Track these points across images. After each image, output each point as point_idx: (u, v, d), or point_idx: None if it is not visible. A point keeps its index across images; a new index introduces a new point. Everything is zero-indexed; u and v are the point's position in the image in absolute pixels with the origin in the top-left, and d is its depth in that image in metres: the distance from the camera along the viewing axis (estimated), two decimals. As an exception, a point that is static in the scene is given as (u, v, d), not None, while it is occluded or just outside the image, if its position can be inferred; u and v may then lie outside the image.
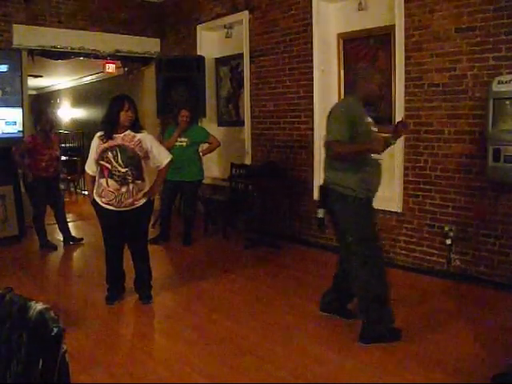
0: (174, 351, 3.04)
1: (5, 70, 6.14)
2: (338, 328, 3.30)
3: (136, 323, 3.67)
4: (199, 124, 7.03)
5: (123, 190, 3.58)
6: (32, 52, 6.51)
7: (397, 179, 4.59)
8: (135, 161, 3.60)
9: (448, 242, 4.18)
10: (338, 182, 3.06)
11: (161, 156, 3.77)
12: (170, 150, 5.61)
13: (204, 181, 5.90)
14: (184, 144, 5.49)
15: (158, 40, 7.62)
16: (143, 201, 3.70)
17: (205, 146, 5.80)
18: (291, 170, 5.65)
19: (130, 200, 3.62)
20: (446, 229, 4.20)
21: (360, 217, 3.06)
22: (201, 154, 5.74)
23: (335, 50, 5.32)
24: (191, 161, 5.54)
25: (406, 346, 3.00)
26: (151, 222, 4.82)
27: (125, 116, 3.56)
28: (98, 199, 3.67)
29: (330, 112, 3.17)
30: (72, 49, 6.77)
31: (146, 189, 3.73)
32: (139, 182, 3.65)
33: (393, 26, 4.57)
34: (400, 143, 4.54)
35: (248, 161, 6.23)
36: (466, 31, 3.98)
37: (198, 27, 6.88)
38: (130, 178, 3.58)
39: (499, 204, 3.91)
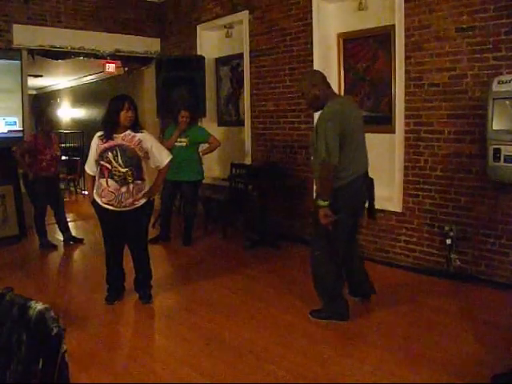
0: (174, 351, 3.05)
1: (5, 69, 6.14)
2: (338, 328, 3.30)
3: (136, 323, 3.67)
4: (199, 124, 7.04)
5: (123, 190, 3.58)
6: (32, 52, 6.52)
7: (397, 179, 4.59)
8: (135, 161, 3.60)
9: (448, 241, 4.18)
10: None
11: (161, 156, 3.77)
12: (169, 150, 5.64)
13: (204, 181, 5.89)
14: (184, 144, 5.49)
15: (158, 40, 7.63)
16: (143, 201, 3.70)
17: (205, 145, 5.80)
18: (291, 170, 5.65)
19: (130, 200, 3.62)
20: (446, 229, 4.20)
21: None
22: (201, 154, 5.74)
23: (335, 50, 5.32)
24: (191, 161, 5.54)
25: (405, 346, 3.01)
26: (151, 222, 4.82)
27: (125, 116, 3.56)
28: (98, 199, 3.67)
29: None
30: (72, 49, 6.78)
31: (146, 189, 3.73)
32: (139, 182, 3.65)
33: (393, 26, 4.58)
34: (400, 143, 4.55)
35: (248, 161, 6.23)
36: (466, 31, 3.98)
37: (198, 27, 6.88)
38: (130, 178, 3.58)
39: (499, 204, 3.91)
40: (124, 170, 3.56)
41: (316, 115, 5.24)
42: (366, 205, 3.54)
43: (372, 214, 3.60)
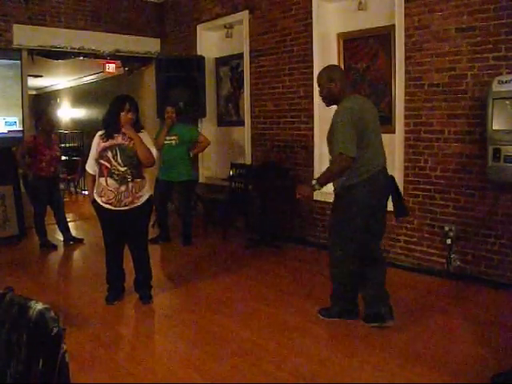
0: (174, 351, 3.04)
1: (5, 69, 6.15)
2: (338, 328, 3.30)
3: (136, 323, 3.67)
4: (199, 124, 7.04)
5: (122, 188, 3.58)
6: (32, 52, 6.52)
7: (397, 179, 4.57)
8: (134, 160, 3.60)
9: (448, 241, 4.19)
10: None
11: None
12: (160, 148, 5.51)
13: (204, 181, 5.88)
14: (173, 142, 5.41)
15: (158, 40, 7.63)
16: (143, 200, 3.70)
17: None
18: (291, 170, 5.65)
19: (130, 199, 3.62)
20: (446, 229, 4.20)
21: None
22: (191, 154, 5.61)
23: (335, 49, 5.32)
24: (182, 160, 5.45)
25: (405, 346, 3.01)
26: (151, 222, 4.82)
27: (125, 117, 3.57)
28: (97, 199, 3.68)
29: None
30: (72, 49, 6.78)
31: (146, 187, 3.74)
32: (138, 180, 3.65)
33: (393, 26, 4.58)
34: (400, 143, 4.55)
35: (248, 161, 6.23)
36: (466, 31, 3.98)
37: (198, 27, 6.89)
38: (129, 176, 3.59)
39: (499, 204, 3.91)
40: (123, 168, 3.57)
41: (316, 116, 5.31)
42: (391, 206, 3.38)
43: (401, 212, 3.41)
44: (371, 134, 3.22)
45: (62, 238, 5.82)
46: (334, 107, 3.30)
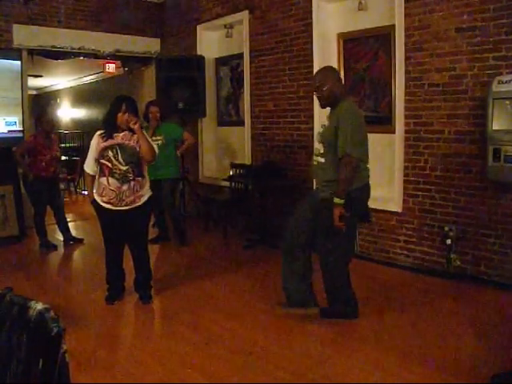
0: (174, 351, 3.04)
1: (5, 69, 6.15)
2: (338, 328, 3.30)
3: (136, 323, 3.67)
4: (199, 124, 7.04)
5: (124, 187, 3.58)
6: (32, 52, 6.52)
7: (397, 179, 4.59)
8: (135, 158, 3.61)
9: (448, 241, 4.18)
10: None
11: None
12: None
13: (204, 181, 5.88)
14: (160, 142, 5.27)
15: (158, 40, 7.63)
16: (144, 199, 3.70)
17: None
18: (291, 170, 5.65)
19: (132, 198, 3.62)
20: (446, 229, 4.20)
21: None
22: (178, 153, 5.58)
23: (335, 50, 5.31)
24: (169, 159, 5.38)
25: (405, 346, 3.01)
26: (151, 222, 4.82)
27: (122, 119, 3.57)
28: (98, 199, 3.68)
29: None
30: (72, 49, 6.78)
31: (147, 186, 3.74)
32: (140, 178, 3.66)
33: (393, 26, 4.58)
34: (400, 143, 4.55)
35: (248, 161, 6.23)
36: (466, 31, 3.98)
37: (198, 27, 6.88)
38: (130, 175, 3.59)
39: (499, 204, 3.91)
40: (125, 167, 3.57)
41: (316, 116, 5.31)
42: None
43: (366, 218, 3.57)
44: (366, 138, 3.28)
45: (62, 238, 5.82)
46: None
